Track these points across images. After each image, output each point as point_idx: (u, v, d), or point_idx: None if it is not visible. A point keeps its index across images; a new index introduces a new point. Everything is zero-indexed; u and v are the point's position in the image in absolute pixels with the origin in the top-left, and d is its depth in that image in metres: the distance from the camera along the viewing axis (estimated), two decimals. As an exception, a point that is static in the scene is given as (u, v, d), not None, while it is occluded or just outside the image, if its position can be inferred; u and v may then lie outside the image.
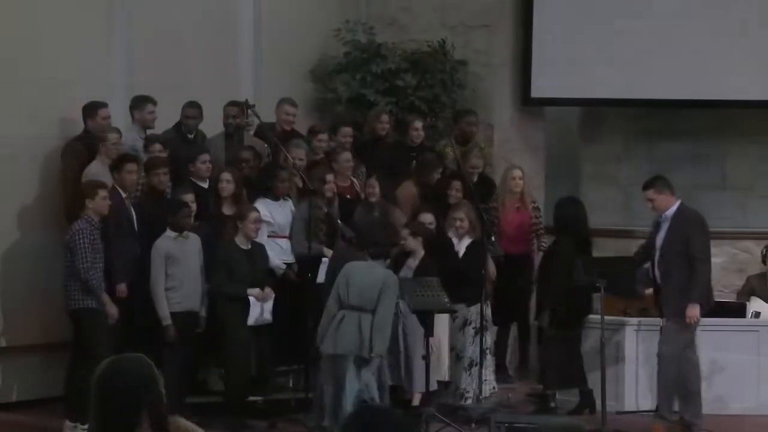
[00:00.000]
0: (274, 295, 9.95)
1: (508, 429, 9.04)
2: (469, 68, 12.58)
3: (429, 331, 9.76)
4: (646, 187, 10.07)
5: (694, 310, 9.78)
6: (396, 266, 10.26)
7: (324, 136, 11.31)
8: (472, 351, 10.43)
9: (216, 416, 9.59)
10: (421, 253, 10.37)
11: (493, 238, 11.04)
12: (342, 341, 9.24)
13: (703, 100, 12.55)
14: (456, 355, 10.42)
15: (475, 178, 11.38)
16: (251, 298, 9.83)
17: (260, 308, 9.89)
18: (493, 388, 10.59)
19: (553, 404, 10.66)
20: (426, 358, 9.96)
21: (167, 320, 9.71)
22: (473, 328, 10.46)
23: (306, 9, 12.46)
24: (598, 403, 10.31)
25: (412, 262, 10.43)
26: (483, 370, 10.39)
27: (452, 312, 10.34)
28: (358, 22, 12.61)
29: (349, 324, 9.25)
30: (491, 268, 11.03)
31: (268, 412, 10.10)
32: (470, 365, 10.43)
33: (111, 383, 4.07)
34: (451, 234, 10.63)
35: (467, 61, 12.56)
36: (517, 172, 11.60)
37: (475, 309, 10.43)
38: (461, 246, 10.53)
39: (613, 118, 13.16)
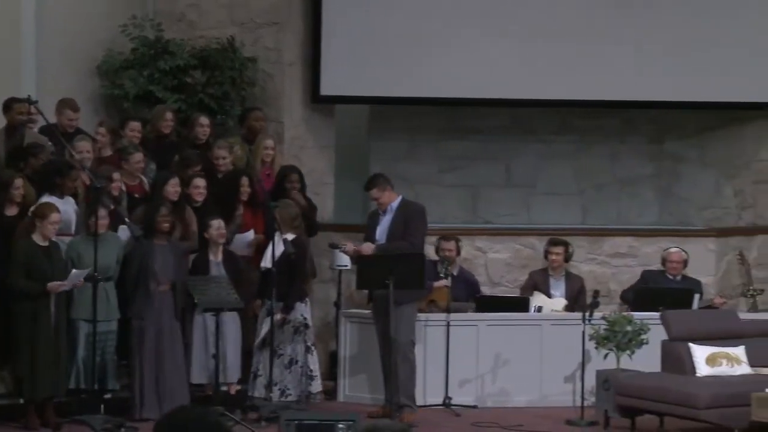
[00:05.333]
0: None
1: (298, 427, 9.06)
2: (258, 66, 12.54)
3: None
4: (369, 187, 10.62)
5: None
6: (200, 263, 10.42)
7: (103, 129, 11.19)
8: (291, 349, 10.50)
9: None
10: (222, 247, 10.49)
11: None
12: None
13: (489, 99, 12.80)
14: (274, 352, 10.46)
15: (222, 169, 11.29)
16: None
17: None
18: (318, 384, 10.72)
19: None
20: (216, 356, 10.01)
21: None
22: (293, 326, 10.52)
23: (91, 4, 12.24)
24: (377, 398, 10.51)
25: (215, 256, 10.48)
26: (307, 368, 10.56)
27: (241, 310, 10.38)
28: (145, 18, 12.43)
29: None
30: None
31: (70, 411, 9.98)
32: (290, 363, 10.49)
33: None
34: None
35: (257, 59, 12.53)
36: (269, 142, 11.68)
37: (299, 306, 10.58)
38: (279, 242, 10.52)
39: (401, 116, 13.32)
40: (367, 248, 10.52)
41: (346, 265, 11.22)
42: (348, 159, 13.22)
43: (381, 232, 10.59)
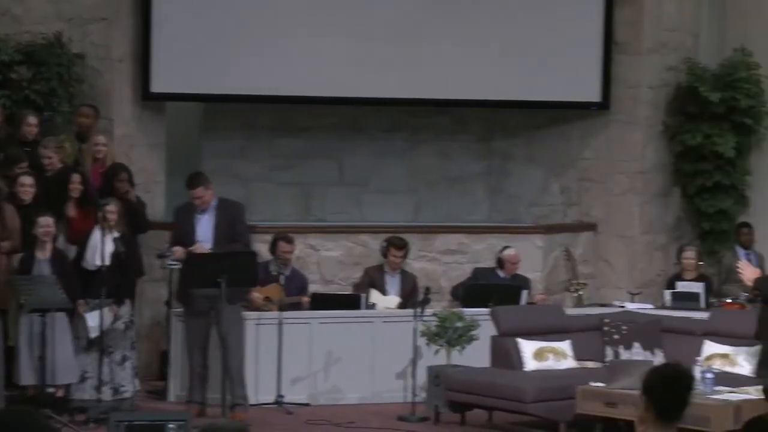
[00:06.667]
0: None
1: (128, 428, 8.95)
2: (87, 62, 12.35)
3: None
4: (194, 185, 10.54)
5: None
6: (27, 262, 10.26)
7: None
8: (122, 347, 10.43)
9: None
10: (50, 246, 10.30)
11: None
12: None
13: (321, 98, 12.82)
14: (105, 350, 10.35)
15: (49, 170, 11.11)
16: None
17: None
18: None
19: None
20: (42, 358, 9.82)
21: None
22: (123, 323, 10.44)
23: None
24: (213, 397, 10.45)
25: (42, 254, 10.29)
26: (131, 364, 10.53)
27: (70, 309, 10.22)
28: (-33, 13, 12.16)
29: None
30: None
31: None
32: (123, 360, 10.44)
33: None
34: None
35: (85, 55, 12.32)
36: (100, 139, 11.59)
37: (129, 303, 10.53)
38: (108, 240, 10.36)
39: (234, 114, 13.26)
40: (201, 249, 10.45)
41: (177, 264, 11.12)
42: (180, 157, 13.09)
43: (204, 231, 10.52)
